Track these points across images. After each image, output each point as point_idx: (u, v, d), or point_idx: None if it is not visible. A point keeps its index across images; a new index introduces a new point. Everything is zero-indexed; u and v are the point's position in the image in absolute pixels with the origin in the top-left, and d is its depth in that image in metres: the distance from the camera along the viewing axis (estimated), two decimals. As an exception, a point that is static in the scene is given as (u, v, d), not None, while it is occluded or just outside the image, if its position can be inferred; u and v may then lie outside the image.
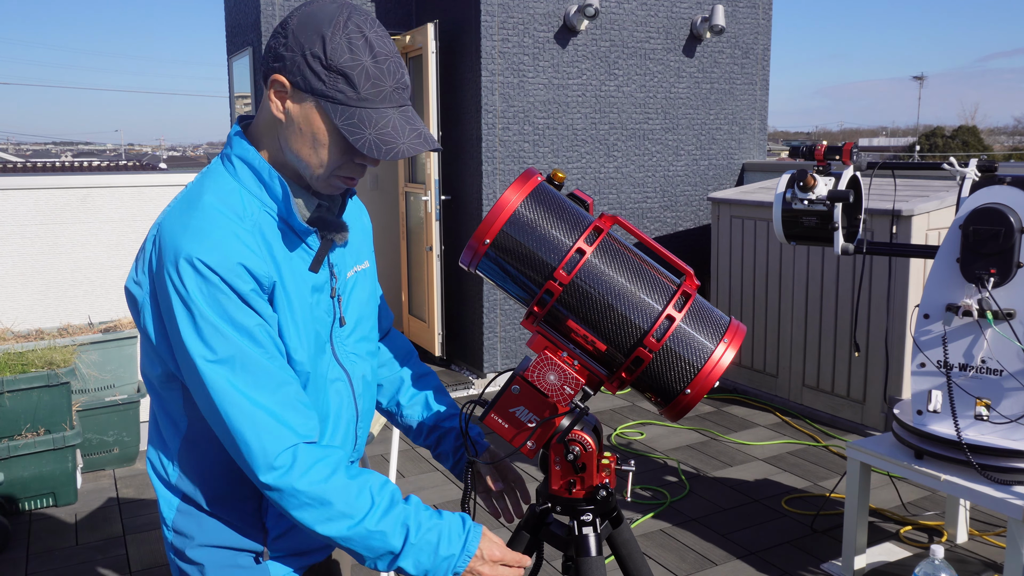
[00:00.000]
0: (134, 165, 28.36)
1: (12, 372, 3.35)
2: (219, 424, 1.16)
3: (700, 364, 1.30)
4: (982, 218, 2.42)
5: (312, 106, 1.18)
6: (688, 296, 1.33)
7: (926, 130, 43.87)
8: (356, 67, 1.16)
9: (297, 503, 1.15)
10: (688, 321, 1.31)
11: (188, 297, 1.14)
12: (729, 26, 5.80)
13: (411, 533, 1.19)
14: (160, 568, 2.99)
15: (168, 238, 1.16)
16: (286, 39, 1.18)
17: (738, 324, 1.36)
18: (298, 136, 1.21)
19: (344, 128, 1.17)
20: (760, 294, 4.87)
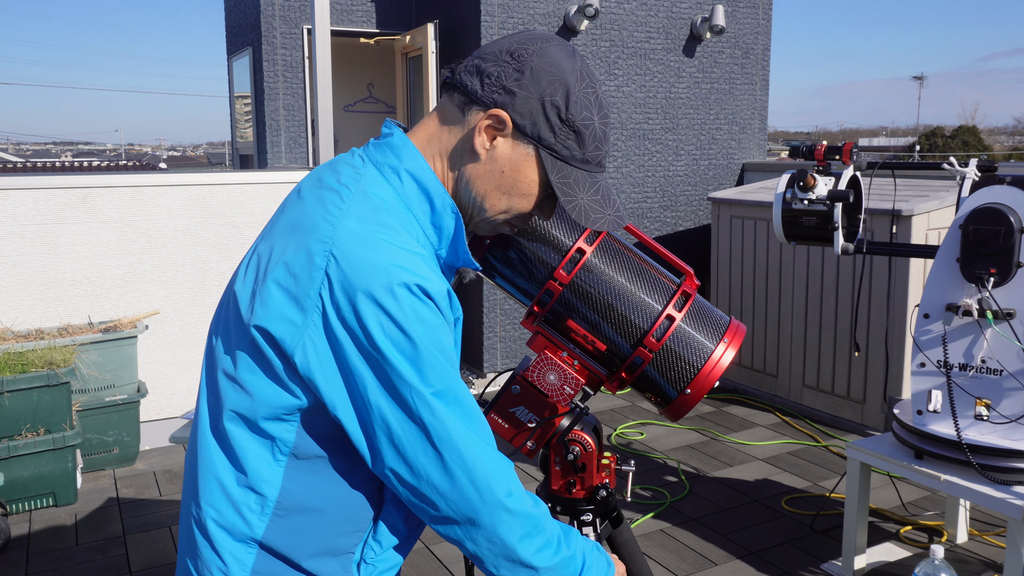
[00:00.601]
0: (134, 165, 28.36)
1: (12, 372, 3.35)
2: (449, 458, 1.04)
3: (700, 364, 1.30)
4: (982, 218, 2.42)
5: (529, 153, 1.11)
6: (688, 296, 1.33)
7: (926, 130, 43.89)
8: (589, 126, 1.12)
9: (524, 530, 1.09)
10: (688, 321, 1.31)
11: (408, 326, 1.00)
12: (729, 26, 5.80)
13: (587, 564, 1.16)
14: (160, 568, 3.00)
15: (367, 262, 1.00)
16: (521, 76, 1.09)
17: (738, 324, 1.36)
18: (493, 177, 1.12)
19: (558, 185, 1.11)
20: (760, 294, 4.87)
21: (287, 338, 1.02)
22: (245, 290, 1.07)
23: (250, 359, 1.05)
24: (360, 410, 1.03)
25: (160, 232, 4.18)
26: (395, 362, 1.00)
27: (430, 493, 1.05)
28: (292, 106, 5.99)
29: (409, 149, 1.12)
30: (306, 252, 1.03)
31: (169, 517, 3.40)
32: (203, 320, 4.30)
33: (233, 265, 4.34)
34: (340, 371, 1.02)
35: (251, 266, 1.09)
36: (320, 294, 1.01)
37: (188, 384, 4.30)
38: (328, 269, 1.00)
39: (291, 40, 5.87)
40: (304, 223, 1.06)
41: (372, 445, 1.05)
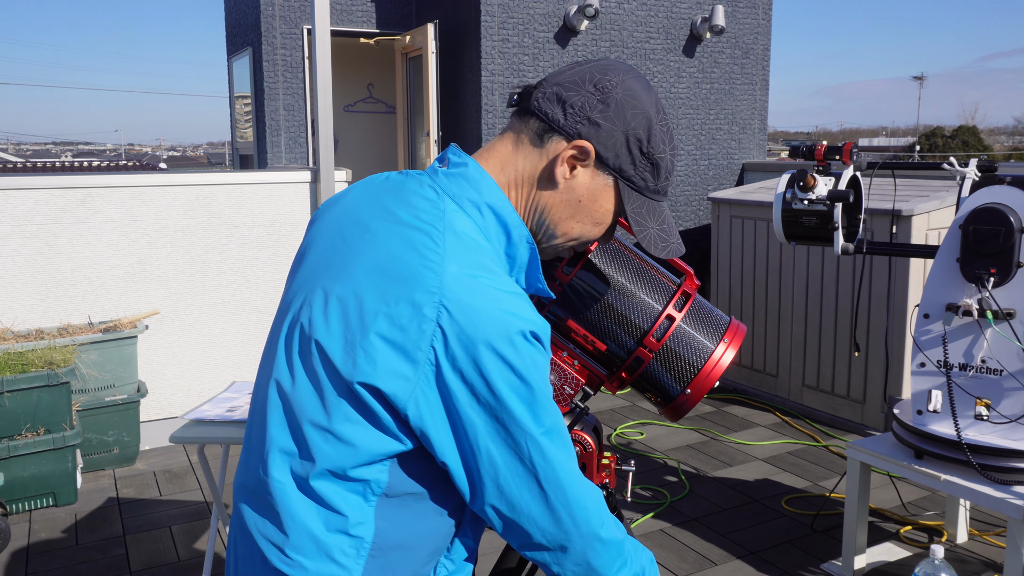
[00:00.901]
0: (134, 165, 28.37)
1: (12, 372, 3.35)
2: (554, 496, 1.06)
3: (700, 364, 1.31)
4: (982, 218, 2.42)
5: (608, 184, 1.13)
6: (688, 296, 1.33)
7: (926, 130, 43.89)
8: (664, 158, 1.14)
9: (611, 557, 1.12)
10: (688, 321, 1.32)
11: (527, 373, 1.01)
12: (729, 26, 5.81)
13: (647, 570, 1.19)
14: (160, 568, 3.00)
15: (483, 312, 0.99)
16: (607, 108, 1.10)
17: (738, 324, 1.36)
18: (570, 206, 1.13)
19: (633, 216, 1.13)
20: (760, 294, 4.87)
21: (399, 393, 1.00)
22: (334, 341, 1.03)
23: (351, 410, 1.02)
24: (466, 454, 1.03)
25: (160, 232, 4.18)
26: (514, 409, 1.01)
27: (528, 526, 1.07)
28: (292, 106, 5.99)
29: (488, 183, 1.11)
30: (412, 304, 1.00)
31: (169, 517, 3.41)
32: (203, 320, 4.30)
33: (233, 265, 4.34)
34: (449, 419, 1.02)
35: (333, 313, 1.05)
36: (432, 346, 0.99)
37: (188, 384, 4.30)
38: (440, 321, 0.99)
39: (291, 40, 5.87)
40: (398, 269, 1.03)
41: (474, 485, 1.05)
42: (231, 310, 4.37)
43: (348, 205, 1.16)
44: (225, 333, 4.36)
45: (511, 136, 1.15)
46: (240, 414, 2.57)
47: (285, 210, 4.44)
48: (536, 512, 1.06)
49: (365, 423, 1.02)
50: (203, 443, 2.50)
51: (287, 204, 4.44)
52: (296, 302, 1.12)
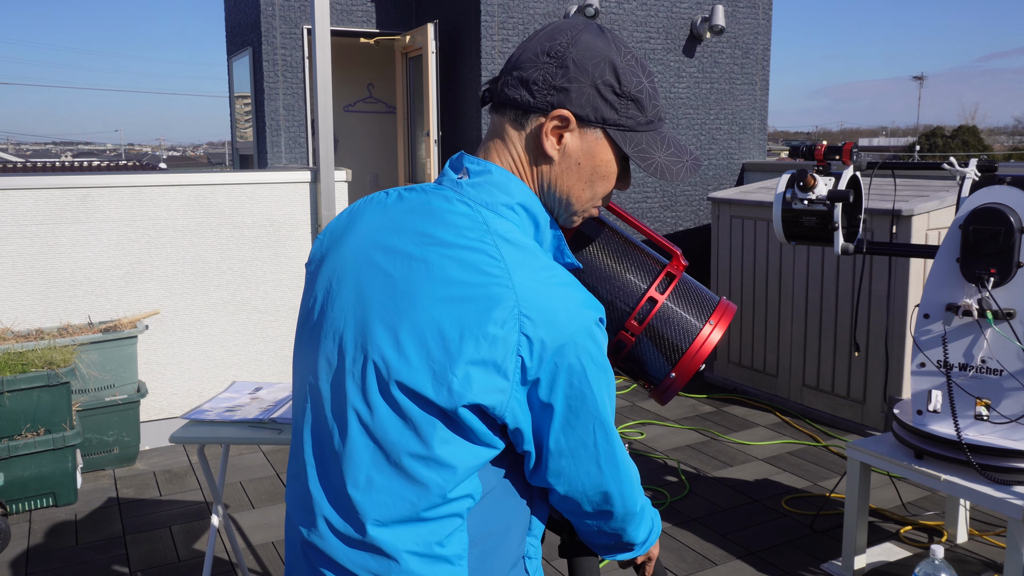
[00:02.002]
0: (134, 165, 28.37)
1: (12, 372, 3.35)
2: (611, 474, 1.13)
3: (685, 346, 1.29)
4: (982, 218, 2.42)
5: (598, 138, 1.13)
6: (673, 277, 1.30)
7: (926, 130, 43.89)
8: (642, 89, 1.13)
9: (640, 521, 1.23)
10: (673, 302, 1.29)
11: (603, 360, 1.07)
12: (729, 26, 5.81)
13: (655, 522, 1.30)
14: (160, 568, 3.00)
15: (560, 312, 1.03)
16: (567, 71, 1.10)
17: (727, 304, 1.33)
18: (573, 173, 1.14)
19: (635, 156, 1.13)
20: (760, 294, 4.87)
21: (497, 405, 1.03)
22: (420, 376, 1.03)
23: (448, 431, 1.04)
24: (541, 439, 1.09)
25: (160, 232, 4.18)
26: (592, 397, 1.07)
27: (581, 500, 1.15)
28: (292, 106, 5.99)
29: (516, 183, 1.13)
30: (494, 322, 1.02)
31: (169, 517, 3.41)
32: (203, 320, 4.30)
33: (233, 265, 4.34)
34: (532, 411, 1.07)
35: (411, 349, 1.04)
36: (519, 354, 1.02)
37: (188, 384, 4.30)
38: (524, 330, 1.02)
39: (291, 40, 5.87)
40: (469, 293, 1.03)
41: (540, 465, 1.11)
42: (231, 310, 4.37)
43: (370, 233, 1.13)
44: (225, 333, 4.36)
45: (497, 135, 1.17)
46: (240, 414, 2.57)
47: (285, 210, 4.44)
48: (591, 489, 1.13)
49: (463, 441, 1.05)
50: (203, 443, 2.50)
51: (287, 204, 4.44)
52: (349, 341, 1.09)
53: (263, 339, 4.45)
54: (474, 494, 1.08)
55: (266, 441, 2.43)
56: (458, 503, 1.06)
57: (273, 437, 2.43)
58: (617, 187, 1.21)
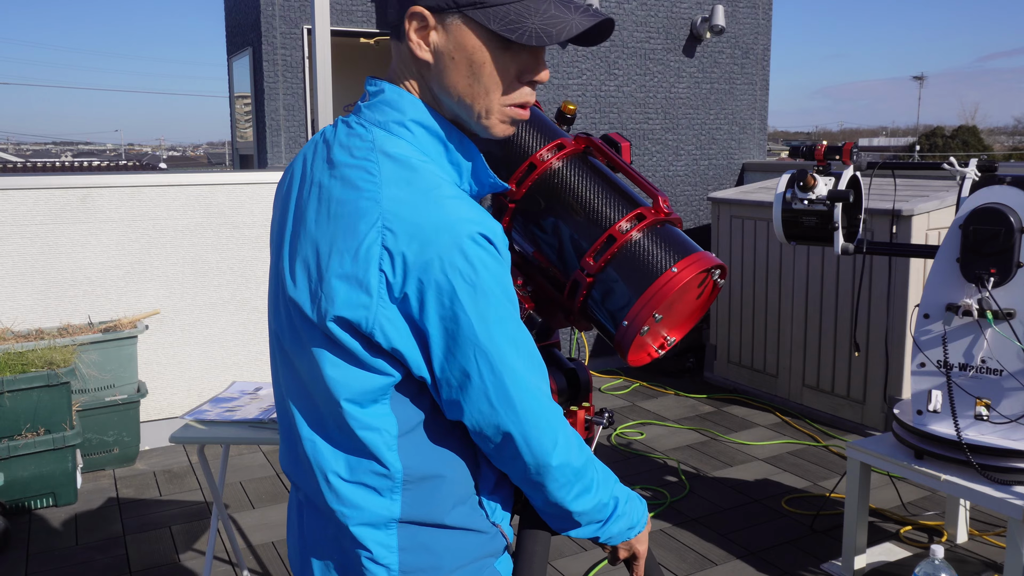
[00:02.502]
0: (134, 165, 28.37)
1: (12, 372, 3.35)
2: (506, 413, 1.05)
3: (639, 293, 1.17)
4: (982, 218, 2.42)
5: (459, 24, 1.03)
6: (643, 218, 1.20)
7: (926, 130, 43.87)
8: None
9: (566, 480, 1.11)
10: (637, 245, 1.18)
11: (478, 279, 1.00)
12: (729, 26, 5.80)
13: (619, 504, 1.18)
14: (160, 568, 3.00)
15: (428, 225, 0.99)
16: None
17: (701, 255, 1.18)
18: (452, 71, 1.05)
19: (502, 29, 1.02)
20: (760, 294, 4.87)
21: (362, 321, 1.01)
22: (303, 294, 1.07)
23: (331, 355, 1.05)
24: (433, 367, 1.05)
25: (160, 232, 4.18)
26: (470, 320, 1.00)
27: (484, 440, 1.08)
28: (292, 106, 5.99)
29: (407, 99, 1.10)
30: (357, 235, 1.01)
31: (169, 517, 3.40)
32: (203, 320, 4.30)
33: (232, 265, 4.34)
34: (415, 334, 1.03)
35: (300, 270, 1.08)
36: (381, 269, 1.00)
37: (188, 384, 4.30)
38: (386, 243, 1.00)
39: (291, 40, 5.87)
40: (343, 209, 1.04)
41: (437, 395, 1.07)
42: (231, 310, 4.37)
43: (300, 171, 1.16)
44: (225, 333, 4.36)
45: (393, 55, 1.16)
46: (241, 414, 2.57)
47: (285, 210, 4.43)
48: (488, 427, 1.06)
49: (345, 364, 1.04)
50: (203, 443, 2.50)
51: (287, 204, 4.44)
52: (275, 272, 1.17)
53: (263, 339, 4.45)
54: (386, 427, 1.07)
55: (266, 441, 2.43)
56: (369, 434, 1.06)
57: (273, 437, 2.43)
58: (530, 77, 1.09)
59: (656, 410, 4.72)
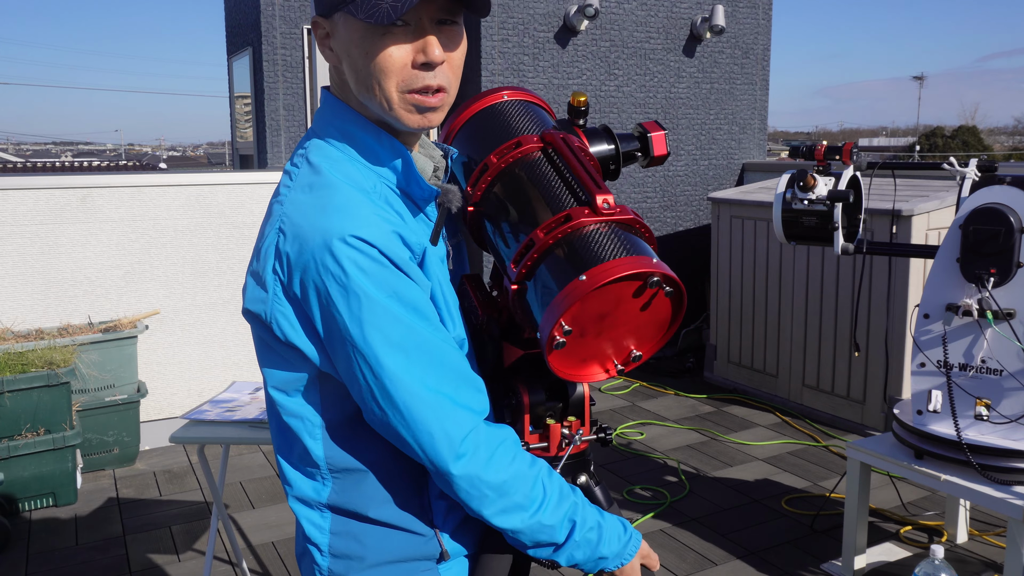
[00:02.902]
0: (134, 165, 28.37)
1: (12, 372, 3.35)
2: (393, 416, 1.04)
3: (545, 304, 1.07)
4: (982, 218, 2.42)
5: (343, 23, 1.06)
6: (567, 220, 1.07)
7: (926, 130, 43.84)
8: None
9: (479, 493, 1.06)
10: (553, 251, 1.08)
11: (349, 282, 1.00)
12: (729, 26, 5.80)
13: (576, 530, 1.12)
14: (160, 568, 3.00)
15: (307, 227, 1.02)
16: None
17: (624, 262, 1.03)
18: (350, 68, 1.07)
19: (365, 17, 1.02)
20: (760, 294, 4.87)
21: (261, 314, 1.08)
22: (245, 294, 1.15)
23: (259, 345, 1.13)
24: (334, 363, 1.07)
25: (160, 232, 4.18)
26: (345, 321, 1.02)
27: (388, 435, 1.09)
28: (292, 106, 5.99)
29: (330, 104, 1.14)
30: (263, 236, 1.09)
31: (169, 517, 3.40)
32: (203, 320, 4.30)
33: (232, 265, 4.35)
34: (312, 332, 1.06)
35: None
36: (275, 270, 1.05)
37: (188, 384, 4.30)
38: (279, 244, 1.05)
39: (291, 40, 5.86)
40: (267, 212, 1.13)
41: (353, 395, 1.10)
42: (231, 310, 4.37)
43: None
44: (225, 333, 4.36)
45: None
46: (240, 414, 2.57)
47: (285, 210, 4.43)
48: (386, 431, 1.07)
49: (268, 354, 1.11)
50: (203, 443, 2.50)
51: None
52: None
53: (263, 339, 4.45)
54: (308, 417, 1.12)
55: (266, 441, 2.43)
56: (293, 421, 1.12)
57: (273, 437, 2.43)
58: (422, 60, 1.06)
59: (656, 410, 4.72)
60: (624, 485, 3.67)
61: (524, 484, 1.09)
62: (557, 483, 1.13)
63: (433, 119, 1.10)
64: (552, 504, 1.10)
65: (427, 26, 1.06)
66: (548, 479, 1.12)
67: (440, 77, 1.08)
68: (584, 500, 1.16)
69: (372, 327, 1.02)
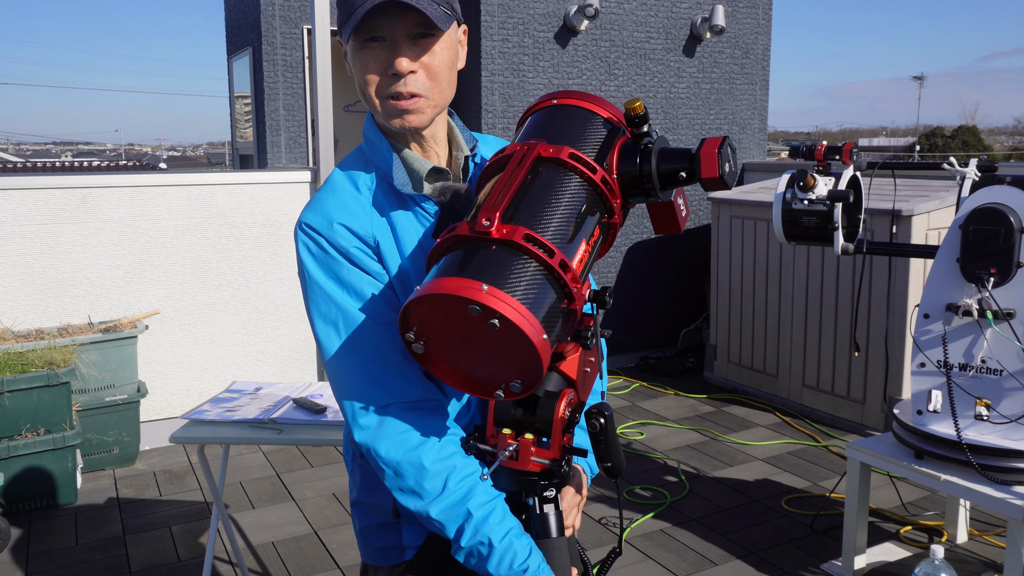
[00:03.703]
0: (134, 165, 28.37)
1: (12, 372, 3.35)
2: (328, 378, 1.24)
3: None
4: (982, 218, 2.42)
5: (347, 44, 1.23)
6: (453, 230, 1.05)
7: (926, 130, 43.82)
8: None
9: (376, 465, 1.19)
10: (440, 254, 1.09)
11: (299, 262, 1.23)
12: (729, 26, 5.80)
13: (464, 536, 1.16)
14: (160, 568, 3.00)
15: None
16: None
17: (440, 283, 0.99)
18: (355, 80, 1.25)
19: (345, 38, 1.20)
20: (760, 294, 4.87)
21: None
22: None
23: None
24: None
25: (160, 232, 4.18)
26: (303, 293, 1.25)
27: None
28: (292, 106, 5.98)
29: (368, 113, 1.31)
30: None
31: (169, 517, 3.40)
32: (203, 320, 4.30)
33: (232, 265, 4.34)
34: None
35: None
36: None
37: (188, 384, 4.30)
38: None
39: (291, 40, 5.86)
40: None
41: None
42: (231, 310, 4.37)
43: None
44: (225, 333, 4.36)
45: None
46: (241, 414, 2.57)
47: (285, 210, 4.43)
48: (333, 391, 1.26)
49: None
50: (203, 443, 2.50)
51: (287, 204, 4.44)
52: None
53: (263, 339, 4.45)
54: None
55: (266, 441, 2.43)
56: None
57: (273, 437, 2.43)
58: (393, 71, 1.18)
59: (656, 410, 4.72)
60: (624, 485, 3.67)
61: (419, 473, 1.16)
62: (466, 488, 1.15)
63: (411, 120, 1.22)
64: (447, 504, 1.15)
65: (400, 40, 1.18)
66: (457, 480, 1.15)
67: (411, 84, 1.19)
68: (502, 519, 1.15)
69: (311, 302, 1.22)
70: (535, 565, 1.15)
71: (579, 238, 1.07)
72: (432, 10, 1.15)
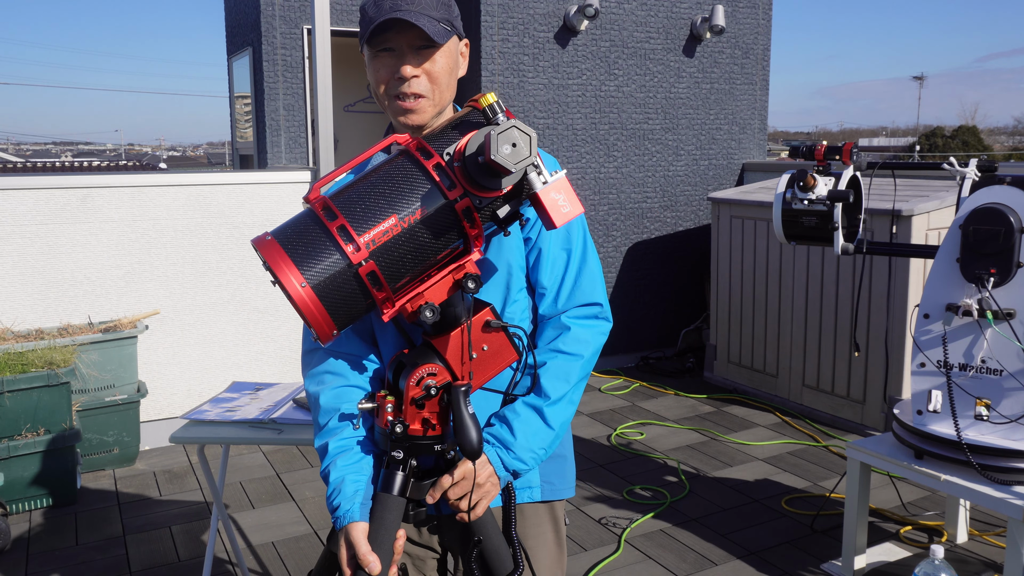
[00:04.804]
0: (134, 165, 28.37)
1: (12, 372, 3.35)
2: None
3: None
4: (982, 218, 2.42)
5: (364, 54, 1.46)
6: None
7: (926, 130, 43.81)
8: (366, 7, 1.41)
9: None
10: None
11: None
12: (729, 26, 5.80)
13: (322, 467, 1.40)
14: (160, 568, 3.00)
15: None
16: None
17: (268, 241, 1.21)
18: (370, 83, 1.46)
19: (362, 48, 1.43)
20: (760, 294, 4.87)
21: None
22: None
23: None
24: None
25: (160, 232, 4.18)
26: None
27: None
28: (292, 106, 5.98)
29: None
30: None
31: (169, 517, 3.40)
32: (203, 320, 4.30)
33: (232, 265, 4.34)
34: None
35: None
36: None
37: (188, 384, 4.30)
38: None
39: (291, 40, 5.86)
40: None
41: None
42: (231, 310, 4.37)
43: None
44: (225, 333, 4.36)
45: None
46: (241, 414, 2.57)
47: (285, 210, 4.43)
48: None
49: None
50: (203, 443, 2.50)
51: (287, 204, 4.44)
52: None
53: (263, 339, 4.45)
54: None
55: (266, 441, 2.43)
56: None
57: (273, 437, 2.43)
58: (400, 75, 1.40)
59: (656, 410, 4.72)
60: (624, 485, 3.67)
61: (315, 408, 1.44)
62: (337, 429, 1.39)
63: (413, 118, 1.43)
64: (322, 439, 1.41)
65: (406, 51, 1.41)
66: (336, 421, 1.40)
67: (415, 86, 1.41)
68: (348, 462, 1.36)
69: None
70: (346, 507, 1.31)
71: (379, 204, 1.22)
72: (432, 27, 1.37)
